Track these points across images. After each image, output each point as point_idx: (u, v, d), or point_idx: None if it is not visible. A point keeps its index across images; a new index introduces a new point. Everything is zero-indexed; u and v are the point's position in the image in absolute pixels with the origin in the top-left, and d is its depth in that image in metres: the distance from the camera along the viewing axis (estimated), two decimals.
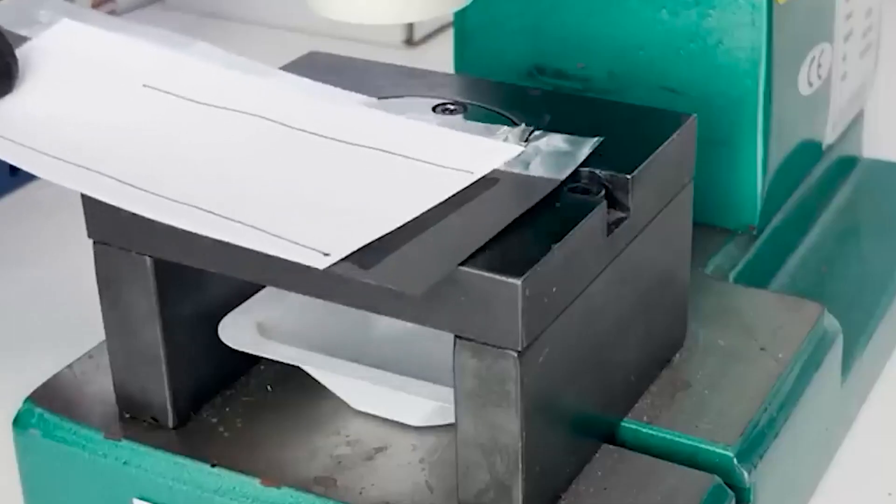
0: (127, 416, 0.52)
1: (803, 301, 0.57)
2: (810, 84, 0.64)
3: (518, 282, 0.43)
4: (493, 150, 0.49)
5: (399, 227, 0.45)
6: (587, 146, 0.49)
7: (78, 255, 0.58)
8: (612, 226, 0.48)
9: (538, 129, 0.50)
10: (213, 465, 0.50)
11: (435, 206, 0.46)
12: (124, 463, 0.51)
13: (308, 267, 0.45)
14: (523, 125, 0.50)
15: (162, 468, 0.50)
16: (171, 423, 0.52)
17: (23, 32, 0.54)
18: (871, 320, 0.63)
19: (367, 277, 0.43)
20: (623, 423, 0.51)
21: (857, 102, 0.71)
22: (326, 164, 0.49)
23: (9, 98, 0.52)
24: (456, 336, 0.45)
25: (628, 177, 0.48)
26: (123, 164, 0.48)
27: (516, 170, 0.48)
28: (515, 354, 0.44)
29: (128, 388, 0.52)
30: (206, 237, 0.47)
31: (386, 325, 0.54)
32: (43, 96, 0.52)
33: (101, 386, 0.54)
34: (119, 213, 0.49)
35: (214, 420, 0.52)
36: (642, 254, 0.50)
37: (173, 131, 0.51)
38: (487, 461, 0.46)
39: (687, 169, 0.53)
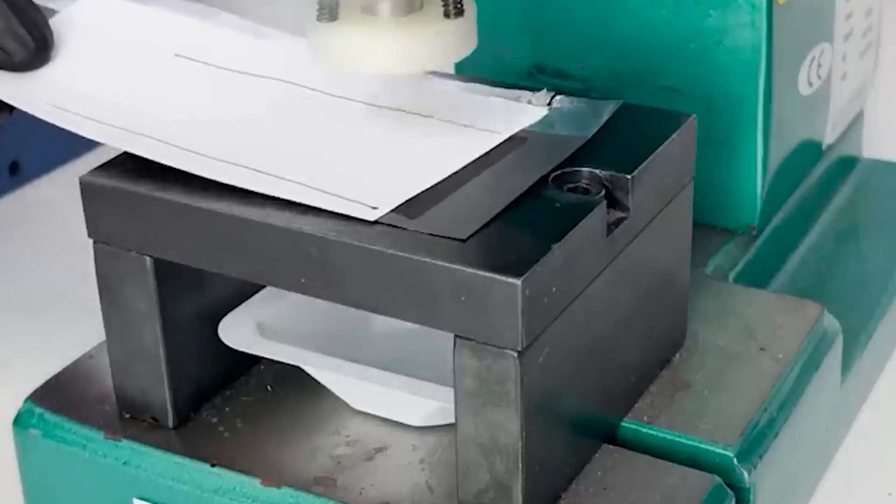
0: (127, 416, 0.52)
1: (803, 301, 0.57)
2: (810, 84, 0.64)
3: (518, 282, 0.43)
4: (520, 112, 0.51)
5: (437, 184, 0.47)
6: (609, 108, 0.51)
7: (78, 254, 0.58)
8: (612, 226, 0.48)
9: (559, 92, 0.52)
10: (212, 465, 0.50)
11: (468, 164, 0.49)
12: (124, 463, 0.51)
13: (307, 264, 0.46)
14: (545, 89, 0.52)
15: (162, 468, 0.50)
16: (170, 423, 0.52)
17: (51, 5, 0.55)
18: (871, 320, 0.63)
19: (415, 226, 0.45)
20: (623, 423, 0.51)
21: (857, 102, 0.71)
22: (363, 127, 0.51)
23: (45, 68, 0.53)
24: (456, 336, 0.45)
25: (628, 177, 0.48)
26: (165, 128, 0.50)
27: (544, 130, 0.51)
28: (515, 354, 0.44)
29: (128, 388, 0.52)
30: (206, 236, 0.48)
31: (386, 325, 0.54)
32: (77, 66, 0.53)
33: (101, 386, 0.54)
34: (119, 213, 0.49)
35: (214, 420, 0.52)
36: (642, 254, 0.50)
37: (210, 98, 0.52)
38: (487, 461, 0.46)
39: (687, 169, 0.53)
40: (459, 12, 0.49)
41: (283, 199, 0.47)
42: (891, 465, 0.59)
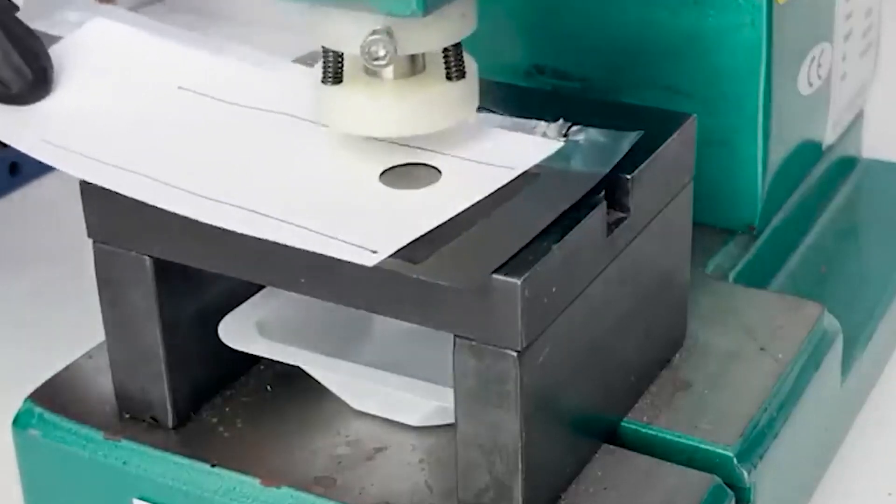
0: (127, 416, 0.52)
1: (803, 301, 0.57)
2: (810, 84, 0.64)
3: (518, 282, 0.43)
4: (533, 145, 0.49)
5: (444, 223, 0.45)
6: (628, 140, 0.49)
7: (77, 255, 0.58)
8: (612, 226, 0.48)
9: (575, 124, 0.50)
10: (212, 465, 0.50)
11: (478, 202, 0.46)
12: (124, 463, 0.51)
13: (307, 265, 0.46)
14: (561, 120, 0.50)
15: (162, 468, 0.50)
16: (170, 423, 0.52)
17: (53, 32, 0.54)
18: (871, 320, 0.63)
19: (418, 273, 0.43)
20: (623, 423, 0.51)
21: (857, 102, 0.71)
22: (371, 164, 0.49)
23: (44, 99, 0.52)
24: (456, 336, 0.45)
25: (628, 177, 0.48)
26: (162, 165, 0.49)
27: (558, 165, 0.48)
28: (515, 354, 0.44)
29: (127, 388, 0.52)
30: (206, 236, 0.47)
31: (386, 325, 0.54)
32: (77, 97, 0.52)
33: (101, 386, 0.54)
34: (119, 213, 0.49)
35: (214, 420, 0.52)
36: (642, 254, 0.50)
37: (211, 133, 0.51)
38: (487, 461, 0.46)
39: (687, 169, 0.53)
40: (461, 75, 0.49)
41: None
42: (891, 465, 0.59)
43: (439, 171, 0.49)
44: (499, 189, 0.47)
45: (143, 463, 0.51)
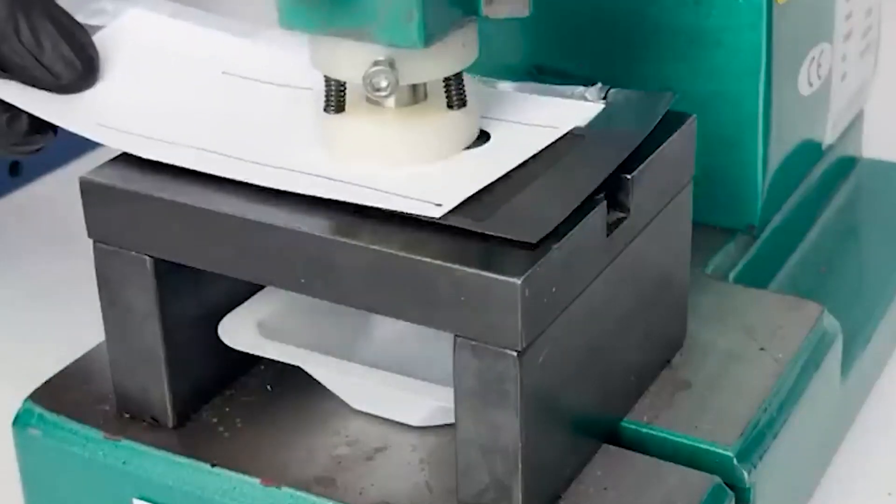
0: (126, 416, 0.52)
1: (803, 301, 0.57)
2: (810, 84, 0.64)
3: (518, 282, 0.43)
4: (576, 107, 0.51)
5: (501, 180, 0.47)
6: (664, 100, 0.51)
7: (78, 254, 0.58)
8: (612, 226, 0.48)
9: (612, 87, 0.52)
10: (212, 465, 0.50)
11: (528, 164, 0.48)
12: (124, 463, 0.51)
13: (307, 264, 0.46)
14: (599, 84, 0.52)
15: (162, 468, 0.50)
16: (170, 423, 0.52)
17: (91, 22, 0.55)
18: (871, 320, 0.63)
19: (482, 228, 0.45)
20: (623, 423, 0.51)
21: (857, 102, 0.71)
22: None
23: (91, 89, 0.53)
24: (456, 336, 0.45)
25: (628, 177, 0.48)
26: (219, 141, 0.50)
27: (602, 126, 0.50)
28: (515, 354, 0.44)
29: (127, 388, 0.52)
30: (206, 236, 0.48)
31: (386, 325, 0.54)
32: (125, 84, 0.53)
33: (100, 386, 0.54)
34: (119, 213, 0.49)
35: (214, 420, 0.52)
36: (642, 254, 0.50)
37: (261, 113, 0.52)
38: (487, 461, 0.46)
39: (687, 169, 0.53)
40: (462, 103, 0.49)
41: (285, 200, 0.47)
42: (890, 465, 0.59)
43: (487, 134, 0.50)
44: (547, 148, 0.49)
45: (143, 463, 0.51)
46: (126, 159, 0.50)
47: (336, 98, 0.49)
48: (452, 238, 0.45)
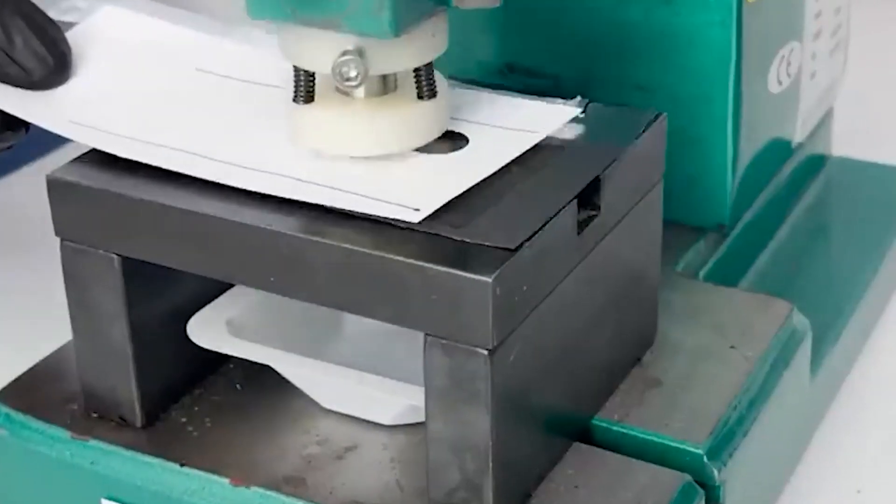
0: (94, 415, 0.52)
1: (773, 299, 0.58)
2: (780, 82, 0.64)
3: (489, 280, 0.43)
4: (553, 111, 0.51)
5: (479, 186, 0.47)
6: (646, 116, 0.51)
7: (45, 253, 0.58)
8: (582, 224, 0.48)
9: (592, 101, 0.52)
10: (181, 465, 0.50)
11: (505, 171, 0.48)
12: (92, 463, 0.51)
13: (277, 263, 0.45)
14: (578, 97, 0.52)
15: (130, 468, 0.50)
16: (139, 423, 0.51)
17: (64, 18, 0.55)
18: (840, 318, 0.63)
19: (460, 235, 0.44)
20: (594, 422, 0.51)
21: (827, 101, 0.72)
22: None
23: (64, 85, 0.53)
24: (426, 334, 0.45)
25: (598, 175, 0.48)
26: (192, 140, 0.50)
27: (582, 138, 0.50)
28: (486, 353, 0.44)
29: (95, 387, 0.52)
30: (175, 234, 0.47)
31: (356, 324, 0.54)
32: (98, 80, 0.53)
33: (68, 385, 0.53)
34: (86, 211, 0.49)
35: (183, 419, 0.52)
36: (613, 252, 0.50)
37: (235, 110, 0.52)
38: (458, 460, 0.46)
39: (657, 167, 0.53)
40: (433, 94, 0.49)
41: (254, 198, 0.47)
42: (859, 462, 0.60)
43: (466, 138, 0.50)
44: (526, 153, 0.48)
45: (112, 463, 0.50)
46: (93, 157, 0.50)
47: (305, 88, 0.49)
48: (423, 237, 0.45)
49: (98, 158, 0.50)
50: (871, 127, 0.83)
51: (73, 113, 0.51)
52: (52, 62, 0.52)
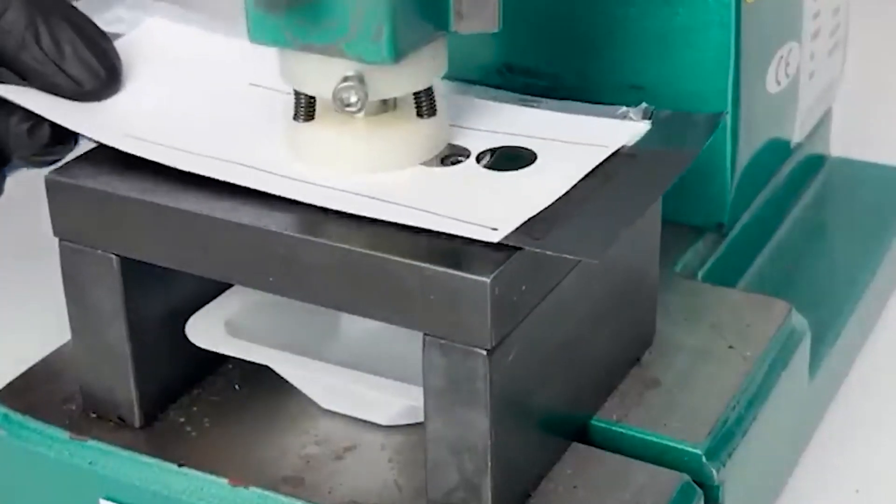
0: (93, 415, 0.52)
1: (771, 299, 0.58)
2: (778, 83, 0.64)
3: (487, 280, 0.43)
4: (623, 126, 0.51)
5: (557, 201, 0.46)
6: (711, 121, 0.51)
7: (43, 253, 0.58)
8: None
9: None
10: (180, 465, 0.50)
11: (582, 181, 0.47)
12: (90, 463, 0.51)
13: (275, 263, 0.45)
14: (643, 104, 0.52)
15: (128, 468, 0.50)
16: (137, 423, 0.51)
17: (108, 29, 0.54)
18: (839, 318, 0.63)
19: (542, 247, 0.44)
20: (592, 422, 0.51)
21: (825, 101, 0.72)
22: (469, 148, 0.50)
23: (114, 97, 0.52)
24: (425, 335, 0.45)
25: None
26: (254, 154, 0.49)
27: (653, 146, 0.50)
28: (484, 353, 0.44)
29: (94, 387, 0.52)
30: (173, 235, 0.47)
31: (355, 324, 0.54)
32: (150, 93, 0.52)
33: (66, 385, 0.53)
34: (85, 211, 0.49)
35: (182, 420, 0.52)
36: (611, 252, 0.50)
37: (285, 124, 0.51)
38: (456, 460, 0.46)
39: None
40: (432, 112, 0.49)
41: (251, 198, 0.47)
42: (858, 463, 0.60)
43: (534, 153, 0.49)
44: (598, 167, 0.48)
45: (110, 463, 0.50)
46: (91, 157, 0.50)
47: (305, 109, 0.49)
48: (421, 236, 0.45)
49: (96, 159, 0.50)
50: (869, 127, 0.83)
51: (127, 126, 0.50)
52: (103, 73, 0.51)
